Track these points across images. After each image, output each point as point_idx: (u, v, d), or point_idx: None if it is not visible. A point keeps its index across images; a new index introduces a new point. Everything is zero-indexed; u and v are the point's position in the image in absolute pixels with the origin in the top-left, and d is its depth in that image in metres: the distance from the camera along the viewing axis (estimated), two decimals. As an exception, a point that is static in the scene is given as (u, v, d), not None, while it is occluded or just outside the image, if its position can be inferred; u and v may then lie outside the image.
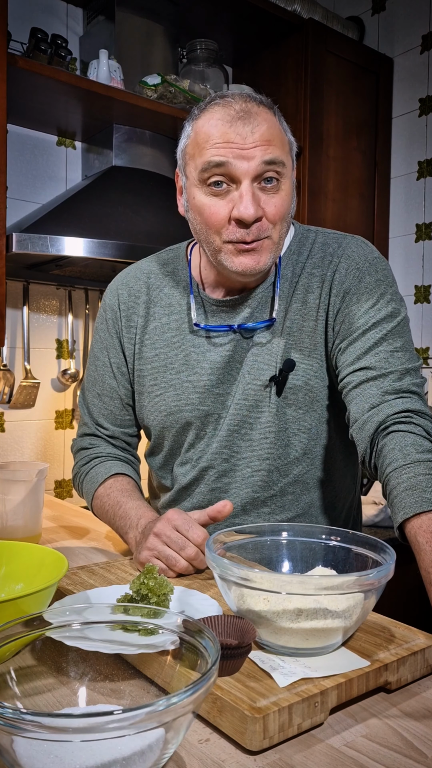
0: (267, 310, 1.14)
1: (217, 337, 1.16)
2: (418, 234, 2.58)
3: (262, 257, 1.05)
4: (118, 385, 1.25)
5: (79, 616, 0.65)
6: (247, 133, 1.00)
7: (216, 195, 1.03)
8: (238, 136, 1.00)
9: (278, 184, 1.03)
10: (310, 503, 1.19)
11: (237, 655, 0.67)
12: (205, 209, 1.04)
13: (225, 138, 1.00)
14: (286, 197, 1.05)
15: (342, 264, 1.11)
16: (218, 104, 1.03)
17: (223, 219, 1.03)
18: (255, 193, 1.01)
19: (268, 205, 1.02)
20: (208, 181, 1.02)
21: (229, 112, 1.01)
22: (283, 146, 1.04)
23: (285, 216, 1.05)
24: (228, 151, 1.00)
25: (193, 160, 1.04)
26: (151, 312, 1.22)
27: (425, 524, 0.84)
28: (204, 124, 1.03)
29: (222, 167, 1.00)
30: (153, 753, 0.52)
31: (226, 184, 1.02)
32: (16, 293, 2.14)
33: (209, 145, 1.01)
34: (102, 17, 2.17)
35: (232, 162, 1.00)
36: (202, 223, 1.06)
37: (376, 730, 0.64)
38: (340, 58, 2.46)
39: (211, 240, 1.06)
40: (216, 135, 1.01)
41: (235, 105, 1.02)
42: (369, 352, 1.05)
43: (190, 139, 1.06)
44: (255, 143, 1.00)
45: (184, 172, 1.09)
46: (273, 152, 1.01)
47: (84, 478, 1.24)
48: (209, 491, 1.20)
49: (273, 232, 1.04)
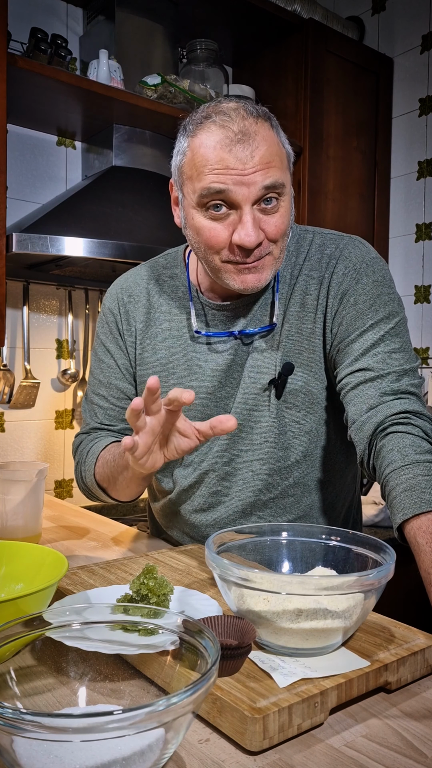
0: (267, 315, 1.14)
1: (218, 344, 1.16)
2: (418, 234, 2.58)
3: (263, 274, 1.04)
4: (128, 386, 1.25)
5: (79, 616, 0.65)
6: (247, 158, 0.97)
7: (215, 219, 1.01)
8: (238, 162, 0.97)
9: (278, 203, 1.02)
10: (310, 505, 1.19)
11: (237, 656, 0.67)
12: (204, 232, 1.02)
13: (224, 164, 0.98)
14: (286, 214, 1.03)
15: (339, 265, 1.11)
16: (215, 123, 0.99)
17: (223, 242, 1.02)
18: (255, 217, 1.00)
19: (269, 225, 1.01)
20: (207, 206, 1.01)
21: (227, 134, 0.98)
22: (282, 164, 1.01)
23: (285, 233, 1.04)
24: (228, 178, 0.98)
25: (191, 182, 1.02)
26: (152, 317, 1.22)
27: (424, 525, 0.84)
28: (201, 145, 1.00)
29: (221, 194, 0.99)
30: (153, 753, 0.52)
31: (225, 208, 1.00)
32: (16, 293, 2.14)
33: (207, 170, 0.99)
34: (102, 17, 2.17)
35: (231, 189, 0.98)
36: (200, 243, 1.04)
37: (376, 730, 0.64)
38: (340, 58, 2.46)
39: (210, 259, 1.05)
40: (214, 159, 0.98)
41: (233, 126, 0.98)
42: (367, 354, 1.05)
43: (187, 158, 1.03)
44: (255, 167, 0.97)
45: (181, 190, 1.06)
46: (273, 175, 0.99)
47: (86, 457, 1.23)
48: (210, 494, 1.20)
49: (274, 249, 1.04)
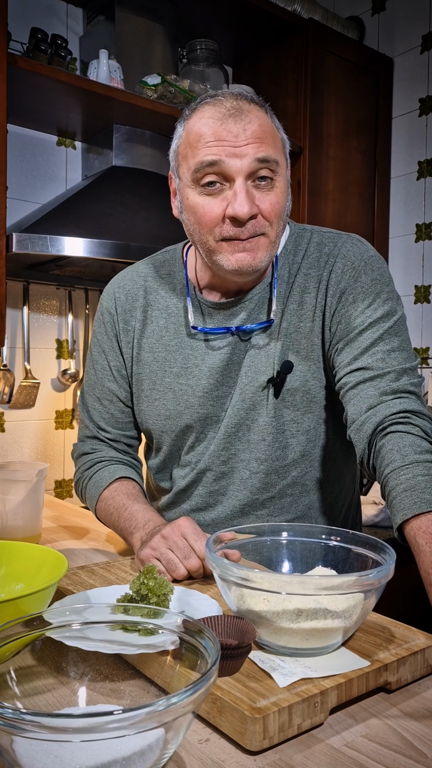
0: (264, 312, 1.14)
1: (215, 340, 1.16)
2: (418, 234, 2.58)
3: (258, 254, 1.04)
4: (118, 388, 1.25)
5: (79, 616, 0.65)
6: (239, 131, 0.99)
7: (209, 194, 1.02)
8: (230, 134, 0.99)
9: (272, 182, 1.03)
10: (309, 505, 1.19)
11: (237, 655, 0.67)
12: (198, 208, 1.03)
13: (217, 136, 1.00)
14: (281, 194, 1.04)
15: (338, 264, 1.10)
16: (209, 103, 1.03)
17: (218, 217, 1.02)
18: (249, 191, 1.01)
19: (263, 203, 1.02)
20: (202, 181, 1.02)
21: (220, 110, 1.01)
22: (275, 144, 1.03)
23: (280, 213, 1.04)
24: (220, 150, 0.99)
25: (186, 160, 1.04)
26: (149, 315, 1.22)
27: (424, 525, 0.84)
28: (195, 124, 1.03)
29: (215, 166, 1.00)
30: (153, 753, 0.52)
31: (219, 184, 1.01)
32: (16, 293, 2.14)
33: (201, 145, 1.01)
34: (102, 17, 2.17)
35: (224, 160, 0.99)
36: (195, 223, 1.05)
37: (376, 730, 0.64)
38: (340, 58, 2.46)
39: (205, 240, 1.05)
40: (208, 134, 1.00)
41: (226, 103, 1.01)
42: (366, 353, 1.04)
43: (182, 140, 1.05)
44: (247, 140, 0.99)
45: (177, 174, 1.08)
46: (265, 150, 1.00)
47: (87, 483, 1.23)
48: (207, 493, 1.20)
49: (268, 230, 1.04)
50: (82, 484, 1.25)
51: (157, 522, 1.06)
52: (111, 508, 1.15)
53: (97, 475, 1.21)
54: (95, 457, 1.25)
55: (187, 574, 0.95)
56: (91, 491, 1.21)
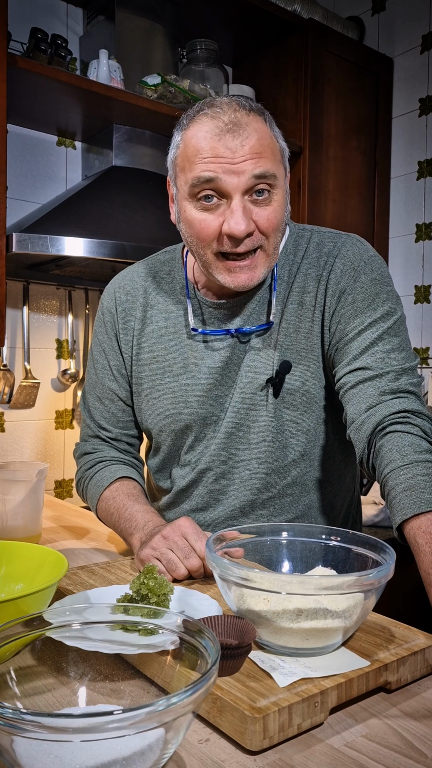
0: (264, 313, 1.14)
1: (215, 342, 1.16)
2: (418, 234, 2.58)
3: (255, 273, 1.05)
4: (118, 387, 1.25)
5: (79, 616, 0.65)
6: (237, 147, 0.98)
7: (206, 209, 1.02)
8: (228, 150, 0.98)
9: (270, 195, 1.02)
10: (309, 504, 1.19)
11: (237, 655, 0.67)
12: (195, 224, 1.03)
13: (214, 152, 0.98)
14: (279, 208, 1.03)
15: (337, 264, 1.10)
16: (207, 115, 1.00)
17: (214, 233, 1.02)
18: (246, 207, 1.00)
19: (260, 218, 1.01)
20: (198, 196, 1.01)
21: (218, 124, 0.99)
22: (274, 156, 1.02)
23: (277, 226, 1.04)
24: (217, 166, 0.98)
25: (183, 173, 1.03)
26: (148, 315, 1.22)
27: (424, 525, 0.84)
28: (193, 136, 1.01)
29: (212, 183, 0.99)
30: (153, 753, 0.52)
31: (216, 198, 1.01)
32: (16, 293, 2.14)
33: (198, 160, 0.99)
34: (102, 17, 2.17)
35: (221, 177, 0.98)
36: (192, 237, 1.05)
37: (376, 730, 0.64)
38: (340, 58, 2.46)
39: (202, 253, 1.05)
40: (205, 149, 0.99)
41: (224, 116, 0.99)
42: (365, 352, 1.04)
43: (180, 151, 1.04)
44: (245, 157, 0.98)
45: (175, 184, 1.07)
46: (263, 165, 0.99)
47: (88, 483, 1.23)
48: (207, 493, 1.20)
49: (266, 243, 1.03)
50: (83, 484, 1.25)
51: (156, 523, 1.06)
52: (111, 508, 1.16)
53: (98, 474, 1.21)
54: (96, 457, 1.25)
55: (188, 574, 0.95)
56: (92, 491, 1.21)
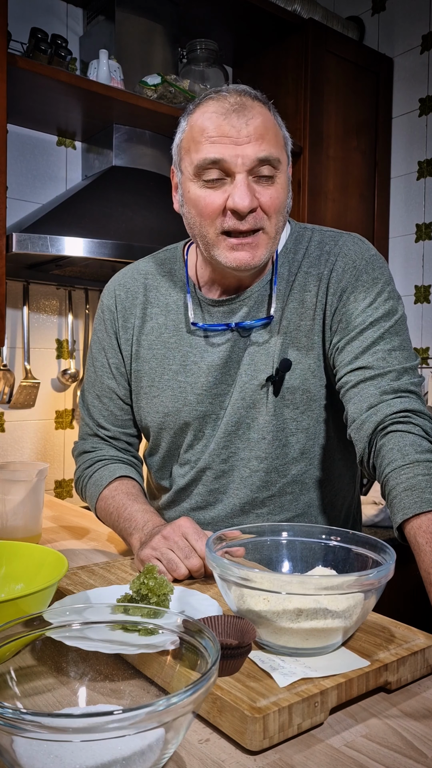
0: (264, 308, 1.14)
1: (215, 336, 1.16)
2: (418, 234, 2.58)
3: (257, 252, 1.05)
4: (117, 386, 1.25)
5: (79, 616, 0.65)
6: (242, 126, 1.01)
7: (211, 187, 1.03)
8: (233, 129, 1.00)
9: (273, 178, 1.04)
10: (308, 503, 1.19)
11: (237, 655, 0.67)
12: (200, 200, 1.04)
13: (219, 131, 1.01)
14: (282, 189, 1.05)
15: (339, 262, 1.11)
16: (212, 98, 1.04)
17: (218, 208, 1.03)
18: (250, 185, 1.02)
19: (263, 196, 1.03)
20: (203, 176, 1.03)
21: (223, 105, 1.02)
22: (277, 141, 1.04)
23: (280, 208, 1.05)
24: (223, 147, 1.01)
25: (189, 154, 1.05)
26: (148, 312, 1.22)
27: (425, 525, 0.84)
28: (198, 118, 1.04)
29: (217, 163, 1.01)
30: (153, 753, 0.52)
31: (219, 177, 1.03)
32: (16, 293, 2.14)
33: (204, 139, 1.02)
34: (102, 17, 2.17)
35: (226, 158, 1.01)
36: (197, 215, 1.06)
37: (376, 730, 0.64)
38: (340, 58, 2.46)
39: (205, 233, 1.06)
40: (210, 128, 1.01)
41: (230, 98, 1.03)
42: (367, 351, 1.05)
43: (185, 134, 1.06)
44: (249, 136, 1.01)
45: (180, 168, 1.09)
46: (267, 149, 1.01)
47: (87, 482, 1.23)
48: (207, 492, 1.20)
49: (268, 225, 1.05)
50: (83, 483, 1.25)
51: (156, 523, 1.06)
52: (111, 507, 1.15)
53: (97, 473, 1.21)
54: (95, 456, 1.25)
55: (188, 573, 0.95)
56: (91, 490, 1.21)
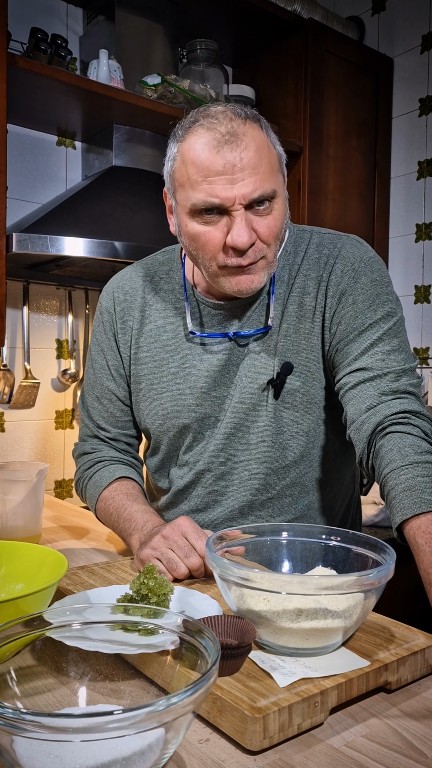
0: (263, 317, 1.14)
1: (213, 345, 1.16)
2: (418, 234, 2.58)
3: (256, 277, 1.05)
4: (117, 387, 1.25)
5: (79, 616, 0.66)
6: (236, 160, 0.98)
7: (208, 223, 1.02)
8: (227, 164, 0.98)
9: (270, 205, 1.02)
10: (308, 505, 1.19)
11: (237, 655, 0.67)
12: (199, 237, 1.03)
13: (214, 169, 0.98)
14: (279, 216, 1.04)
15: (337, 265, 1.11)
16: (203, 126, 1.00)
17: (218, 245, 1.02)
18: (248, 219, 1.00)
19: (261, 227, 1.02)
20: (200, 214, 1.02)
21: (215, 136, 0.99)
22: (272, 169, 1.02)
23: (278, 234, 1.04)
24: (219, 189, 0.98)
25: (183, 189, 1.03)
26: (147, 315, 1.22)
27: (424, 525, 0.84)
28: (189, 149, 1.01)
29: (214, 205, 1.00)
30: (153, 753, 0.52)
31: (217, 213, 1.01)
32: (16, 293, 2.14)
33: (200, 179, 0.99)
34: (102, 17, 2.17)
35: (223, 200, 0.99)
36: (197, 250, 1.05)
37: (376, 730, 0.64)
38: (340, 58, 2.46)
39: (207, 265, 1.06)
40: (204, 165, 0.99)
41: (221, 127, 0.99)
42: (365, 353, 1.05)
43: (177, 164, 1.04)
44: (244, 171, 0.98)
45: (174, 197, 1.07)
46: (261, 186, 0.99)
47: (87, 483, 1.23)
48: (206, 494, 1.20)
49: (267, 252, 1.04)
50: (83, 484, 1.25)
51: (155, 523, 1.06)
52: (110, 508, 1.15)
53: (97, 474, 1.21)
54: (95, 457, 1.25)
55: (188, 573, 0.95)
56: (90, 491, 1.21)
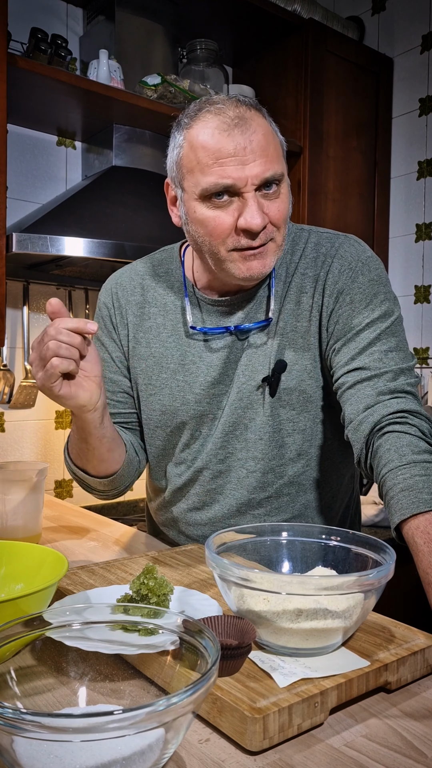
0: (262, 311, 1.14)
1: (214, 339, 1.16)
2: (418, 234, 2.58)
3: (267, 260, 1.05)
4: (122, 378, 1.25)
5: (79, 616, 0.65)
6: (246, 143, 0.99)
7: (219, 207, 1.02)
8: (238, 147, 0.99)
9: (278, 188, 1.03)
10: (306, 504, 1.19)
11: (237, 655, 0.67)
12: (209, 221, 1.03)
13: (225, 151, 0.99)
14: (286, 199, 1.05)
15: (335, 264, 1.11)
16: (210, 112, 1.01)
17: (229, 228, 1.02)
18: (259, 202, 1.01)
19: (271, 210, 1.03)
20: (212, 198, 1.02)
21: (224, 120, 1.00)
22: (278, 153, 1.03)
23: (286, 217, 1.06)
24: (231, 170, 0.99)
25: (193, 175, 1.03)
26: (146, 312, 1.22)
27: (422, 525, 0.84)
28: (198, 134, 1.01)
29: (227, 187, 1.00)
30: (153, 753, 0.52)
31: (227, 196, 1.01)
32: (16, 293, 2.14)
33: (211, 162, 0.99)
34: (102, 17, 2.17)
35: (236, 181, 0.99)
36: (206, 235, 1.05)
37: (376, 730, 0.64)
38: (340, 58, 2.46)
39: (215, 251, 1.05)
40: (214, 149, 0.99)
41: (228, 111, 1.00)
42: (363, 353, 1.05)
43: (185, 151, 1.03)
44: (254, 154, 0.99)
45: (181, 185, 1.07)
46: (272, 167, 1.00)
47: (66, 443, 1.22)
48: (204, 492, 1.20)
49: (276, 235, 1.05)
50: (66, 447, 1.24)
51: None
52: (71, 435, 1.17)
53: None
54: None
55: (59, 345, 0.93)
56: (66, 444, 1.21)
